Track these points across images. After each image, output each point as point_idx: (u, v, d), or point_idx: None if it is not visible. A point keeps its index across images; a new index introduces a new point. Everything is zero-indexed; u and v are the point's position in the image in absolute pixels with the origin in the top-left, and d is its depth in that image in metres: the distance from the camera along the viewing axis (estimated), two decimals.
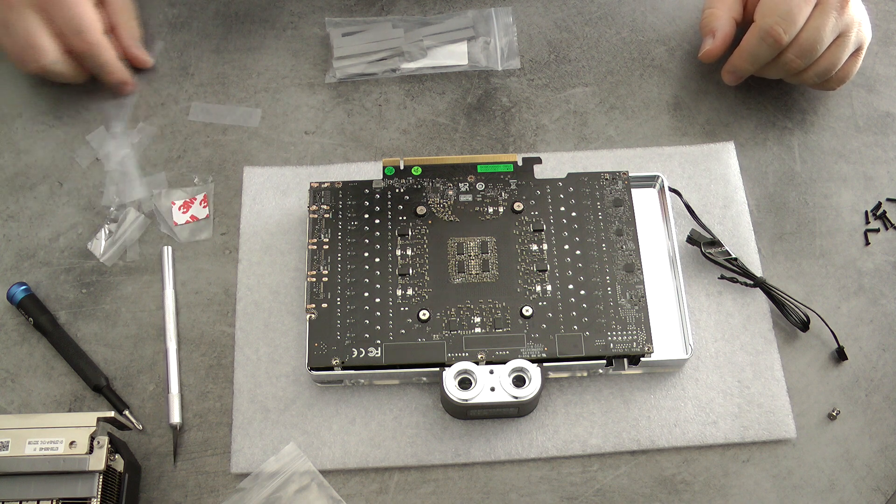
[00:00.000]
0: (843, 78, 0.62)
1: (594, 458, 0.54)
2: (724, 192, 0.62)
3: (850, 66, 0.62)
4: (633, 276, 0.56)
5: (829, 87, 0.63)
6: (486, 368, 0.52)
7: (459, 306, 0.55)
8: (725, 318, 0.58)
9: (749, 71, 0.62)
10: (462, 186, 0.59)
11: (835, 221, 0.61)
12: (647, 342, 0.54)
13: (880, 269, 0.60)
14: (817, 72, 0.61)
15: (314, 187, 0.59)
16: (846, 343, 0.57)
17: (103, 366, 0.56)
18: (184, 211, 0.60)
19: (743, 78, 0.64)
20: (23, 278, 0.59)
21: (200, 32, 0.68)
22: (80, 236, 0.61)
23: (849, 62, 0.61)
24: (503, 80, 0.67)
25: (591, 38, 0.69)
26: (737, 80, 0.64)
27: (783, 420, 0.55)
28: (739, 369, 0.56)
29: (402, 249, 0.57)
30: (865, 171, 0.63)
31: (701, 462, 0.54)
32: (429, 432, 0.54)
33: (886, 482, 0.54)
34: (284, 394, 0.55)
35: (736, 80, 0.64)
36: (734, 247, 0.60)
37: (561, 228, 0.57)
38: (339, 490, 0.53)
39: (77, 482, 0.47)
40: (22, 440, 0.48)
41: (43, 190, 0.62)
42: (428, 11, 0.69)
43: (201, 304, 0.58)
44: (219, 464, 0.54)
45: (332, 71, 0.67)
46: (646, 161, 0.63)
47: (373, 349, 0.54)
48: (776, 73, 0.62)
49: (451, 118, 0.65)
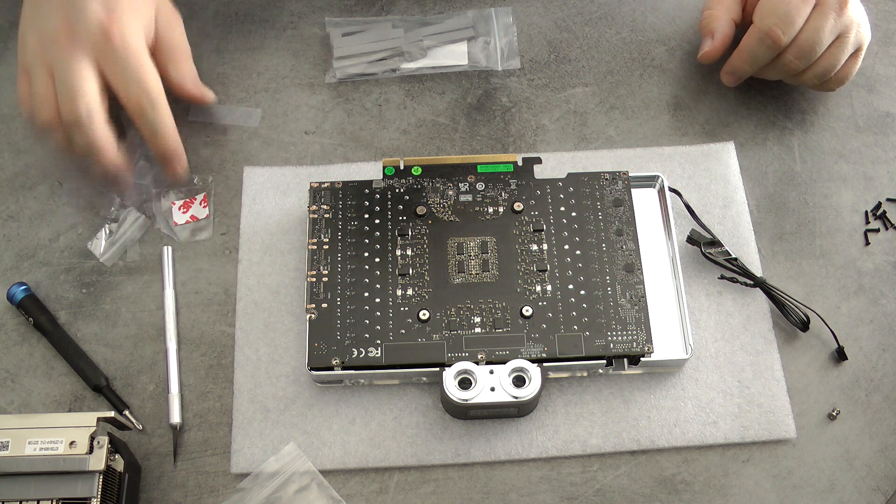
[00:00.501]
0: (843, 79, 0.62)
1: (594, 458, 0.54)
2: (724, 192, 0.62)
3: (850, 66, 0.62)
4: (633, 276, 0.56)
5: (829, 88, 0.63)
6: (486, 368, 0.52)
7: (459, 306, 0.55)
8: (725, 318, 0.58)
9: (748, 72, 0.62)
10: (462, 186, 0.59)
11: (835, 221, 0.61)
12: (647, 342, 0.54)
13: (880, 269, 0.60)
14: (816, 73, 0.61)
15: (314, 187, 0.59)
16: (846, 343, 0.57)
17: (103, 366, 0.56)
18: (184, 211, 0.60)
19: (742, 79, 0.64)
20: (23, 278, 0.59)
21: (200, 32, 0.68)
22: (80, 236, 0.61)
23: (848, 63, 0.61)
24: (503, 80, 0.67)
25: (591, 38, 0.69)
26: (736, 82, 0.64)
27: (783, 420, 0.55)
28: (739, 369, 0.56)
29: (402, 249, 0.57)
30: (865, 171, 0.63)
31: (701, 462, 0.54)
32: (429, 432, 0.54)
33: (886, 482, 0.54)
34: (284, 394, 0.55)
35: (735, 81, 0.64)
36: (734, 247, 0.60)
37: (561, 228, 0.57)
38: (339, 490, 0.53)
39: (77, 482, 0.47)
40: (22, 440, 0.48)
41: (43, 190, 0.62)
42: (428, 11, 0.69)
43: (201, 304, 0.58)
44: (219, 464, 0.54)
45: (332, 71, 0.67)
46: (646, 161, 0.63)
47: (373, 349, 0.54)
48: (775, 74, 0.62)
49: (451, 118, 0.65)
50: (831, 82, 0.62)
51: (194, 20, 0.69)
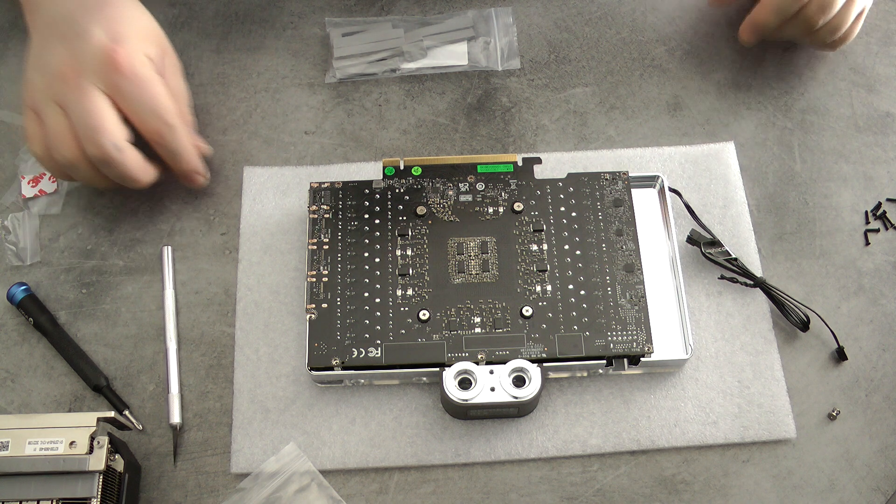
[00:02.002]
0: (847, 38, 0.63)
1: (594, 458, 0.54)
2: (724, 192, 0.62)
3: (855, 26, 0.63)
4: (633, 276, 0.56)
5: (833, 47, 0.64)
6: (486, 368, 0.52)
7: (459, 306, 0.55)
8: (725, 318, 0.58)
9: (772, 26, 0.62)
10: (462, 186, 0.59)
11: (835, 221, 0.61)
12: (647, 342, 0.54)
13: (880, 269, 0.60)
14: (830, 28, 0.61)
15: (314, 187, 0.59)
16: (846, 343, 0.57)
17: (103, 366, 0.56)
18: (33, 185, 0.61)
19: (761, 37, 0.63)
20: (23, 278, 0.59)
21: (200, 32, 0.68)
22: (80, 236, 0.61)
23: (854, 22, 0.62)
24: (503, 80, 0.67)
25: (591, 38, 0.69)
26: (756, 39, 0.64)
27: (783, 420, 0.55)
28: (739, 369, 0.56)
29: (402, 249, 0.57)
30: (865, 171, 0.63)
31: (701, 462, 0.54)
32: (429, 432, 0.54)
33: (886, 482, 0.54)
34: (284, 394, 0.55)
35: (755, 37, 0.63)
36: (734, 247, 0.60)
37: (561, 228, 0.57)
38: (339, 490, 0.53)
39: (77, 482, 0.47)
40: (22, 440, 0.48)
41: None
42: (428, 11, 0.69)
43: (201, 304, 0.58)
44: (219, 464, 0.54)
45: (332, 71, 0.67)
46: (646, 161, 0.63)
47: (373, 349, 0.54)
48: (793, 29, 0.62)
49: (451, 118, 0.65)
50: (837, 42, 0.63)
51: (194, 20, 0.69)
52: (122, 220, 0.61)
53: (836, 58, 0.67)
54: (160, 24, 0.59)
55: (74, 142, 0.54)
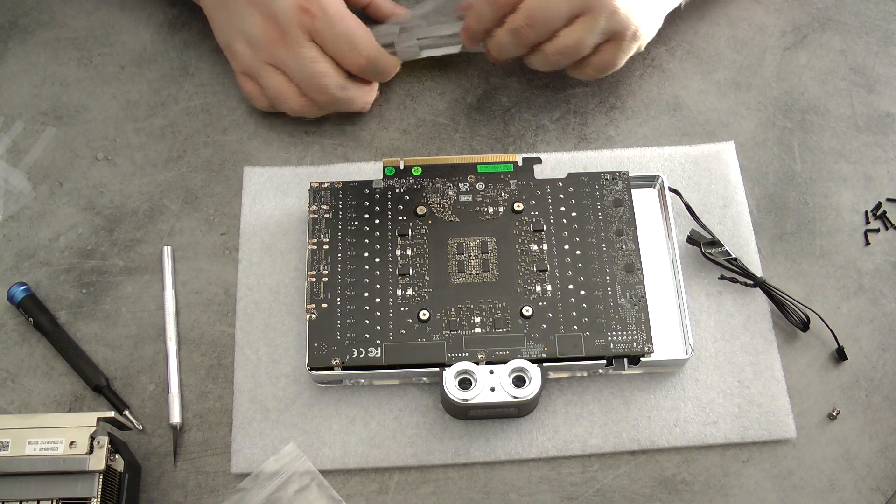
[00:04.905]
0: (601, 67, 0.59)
1: (594, 458, 0.54)
2: (724, 192, 0.62)
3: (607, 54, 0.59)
4: (633, 276, 0.56)
5: (586, 75, 0.61)
6: (486, 368, 0.52)
7: (459, 306, 0.55)
8: (725, 318, 0.58)
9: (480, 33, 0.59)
10: (462, 186, 0.59)
11: (835, 221, 0.61)
12: (647, 342, 0.54)
13: (880, 269, 0.60)
14: (558, 49, 0.57)
15: (314, 187, 0.59)
16: (846, 343, 0.57)
17: (103, 366, 0.56)
18: None
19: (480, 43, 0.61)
20: (23, 278, 0.59)
21: (200, 32, 0.68)
22: (80, 236, 0.61)
23: (604, 50, 0.58)
24: (503, 79, 0.67)
25: None
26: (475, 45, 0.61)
27: (783, 420, 0.55)
28: (739, 369, 0.56)
29: (402, 249, 0.57)
30: (865, 171, 0.63)
31: (701, 462, 0.54)
32: (429, 432, 0.54)
33: (886, 482, 0.54)
34: (284, 394, 0.55)
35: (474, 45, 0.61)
36: (734, 247, 0.60)
37: (561, 228, 0.57)
38: (339, 490, 0.53)
39: (77, 482, 0.47)
40: (22, 440, 0.48)
41: (43, 190, 0.62)
42: None
43: (201, 304, 0.58)
44: (219, 464, 0.54)
45: None
46: (646, 161, 0.63)
47: (373, 349, 0.54)
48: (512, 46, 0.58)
49: (451, 118, 0.65)
50: (586, 68, 0.60)
51: (194, 20, 0.69)
52: (122, 220, 0.61)
53: (836, 58, 0.67)
54: (160, 24, 0.59)
55: (298, 94, 0.60)
